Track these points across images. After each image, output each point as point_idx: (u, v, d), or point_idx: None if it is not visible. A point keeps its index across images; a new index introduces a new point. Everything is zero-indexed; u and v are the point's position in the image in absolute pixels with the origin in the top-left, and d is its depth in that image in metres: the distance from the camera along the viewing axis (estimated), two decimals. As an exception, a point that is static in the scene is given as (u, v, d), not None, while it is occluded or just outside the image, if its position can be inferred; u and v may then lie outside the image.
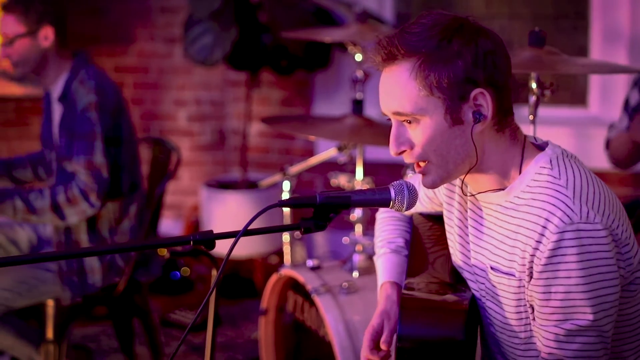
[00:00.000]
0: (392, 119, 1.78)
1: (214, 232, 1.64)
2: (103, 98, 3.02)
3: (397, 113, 1.75)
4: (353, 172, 3.12)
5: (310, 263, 2.95)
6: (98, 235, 3.12)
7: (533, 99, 2.44)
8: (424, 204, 2.11)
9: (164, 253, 2.38)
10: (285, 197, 3.08)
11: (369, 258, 2.92)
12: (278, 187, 3.20)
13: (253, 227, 1.64)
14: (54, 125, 3.14)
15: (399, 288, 2.03)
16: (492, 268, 1.83)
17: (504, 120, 1.77)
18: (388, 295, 2.02)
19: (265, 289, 3.09)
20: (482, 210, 1.86)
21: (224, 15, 4.37)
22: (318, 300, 2.77)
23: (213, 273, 2.37)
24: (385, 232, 2.19)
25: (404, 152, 1.77)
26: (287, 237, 3.11)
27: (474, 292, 1.91)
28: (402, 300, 1.91)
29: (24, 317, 3.26)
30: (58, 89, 3.09)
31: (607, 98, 4.33)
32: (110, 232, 3.14)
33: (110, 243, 3.13)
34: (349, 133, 2.96)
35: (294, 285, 3.01)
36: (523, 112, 2.55)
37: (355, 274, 2.93)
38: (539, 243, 1.69)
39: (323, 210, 1.72)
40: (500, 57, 1.74)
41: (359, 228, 3.07)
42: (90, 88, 3.01)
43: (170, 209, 5.21)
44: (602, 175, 1.94)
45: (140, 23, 5.28)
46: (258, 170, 5.08)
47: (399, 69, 1.72)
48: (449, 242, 1.99)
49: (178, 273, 4.63)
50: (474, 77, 1.70)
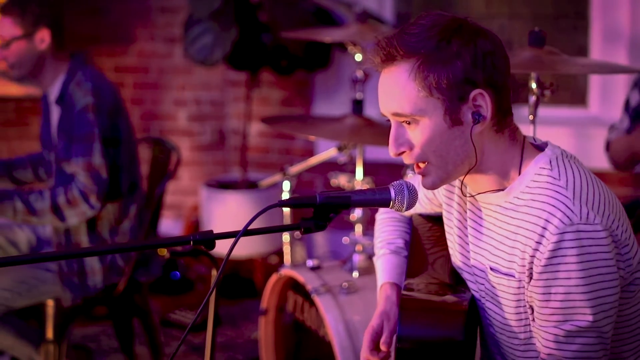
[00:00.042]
0: (391, 120, 1.78)
1: (214, 232, 1.64)
2: (100, 99, 3.01)
3: (396, 114, 1.74)
4: (353, 172, 3.11)
5: (310, 263, 2.95)
6: (98, 237, 3.11)
7: (533, 99, 2.44)
8: (424, 205, 2.11)
9: (164, 253, 2.38)
10: (285, 197, 3.07)
11: (369, 258, 2.92)
12: (278, 187, 3.20)
13: (253, 227, 1.64)
14: (53, 127, 3.13)
15: (399, 289, 2.03)
16: (491, 269, 1.83)
17: (503, 121, 1.77)
18: (388, 296, 2.02)
19: (265, 289, 3.09)
20: (481, 211, 1.86)
21: (224, 15, 4.37)
22: (318, 300, 2.77)
23: (213, 273, 2.37)
24: (385, 233, 2.19)
25: (404, 153, 1.77)
26: (287, 237, 3.11)
27: (474, 292, 1.91)
28: (401, 301, 1.91)
29: (24, 317, 3.26)
30: (55, 91, 3.09)
31: (607, 98, 4.33)
32: (111, 232, 3.14)
33: (111, 244, 3.13)
34: (349, 133, 2.96)
35: (294, 285, 3.01)
36: (523, 112, 2.54)
37: (355, 274, 2.93)
38: (539, 244, 1.69)
39: (323, 210, 1.72)
40: (499, 57, 1.74)
41: (359, 228, 3.07)
42: (87, 90, 3.01)
43: (170, 209, 5.21)
44: (602, 176, 1.94)
45: (140, 23, 5.28)
46: (258, 170, 5.08)
47: (398, 70, 1.72)
48: (449, 243, 1.99)
49: (178, 273, 4.63)
50: (473, 77, 1.70)
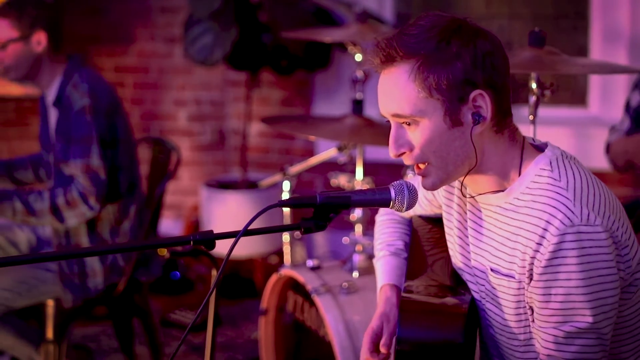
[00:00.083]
0: (391, 121, 1.77)
1: (214, 232, 1.64)
2: (97, 101, 3.01)
3: (396, 115, 1.74)
4: (353, 172, 3.11)
5: (310, 263, 2.95)
6: (98, 237, 3.11)
7: (533, 99, 2.44)
8: (423, 207, 2.11)
9: (164, 253, 2.37)
10: (285, 197, 3.07)
11: (369, 258, 2.92)
12: (278, 187, 3.20)
13: (253, 227, 1.64)
14: (51, 129, 3.13)
15: (399, 290, 2.03)
16: (492, 270, 1.82)
17: (503, 122, 1.76)
18: (387, 298, 2.02)
19: (265, 289, 3.09)
20: (481, 212, 1.86)
21: (224, 15, 4.37)
22: (318, 300, 2.77)
23: (213, 273, 2.37)
24: (385, 234, 2.18)
25: (404, 154, 1.77)
26: (287, 237, 3.11)
27: (474, 293, 1.91)
28: (401, 303, 1.91)
29: (24, 317, 3.26)
30: (52, 93, 3.08)
31: (607, 98, 4.33)
32: (111, 233, 3.14)
33: (111, 244, 3.13)
34: (349, 133, 2.96)
35: (294, 285, 3.01)
36: (523, 112, 2.54)
37: (355, 274, 2.93)
38: (540, 245, 1.69)
39: (323, 210, 1.72)
40: (499, 58, 1.74)
41: (359, 228, 3.07)
42: (84, 91, 3.00)
43: (170, 209, 5.21)
44: (601, 176, 1.93)
45: (141, 23, 5.28)
46: (258, 170, 5.08)
47: (398, 71, 1.72)
48: (449, 244, 1.99)
49: (178, 273, 4.63)
50: (473, 78, 1.70)
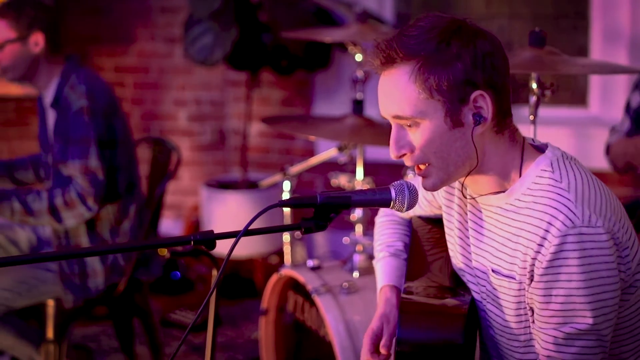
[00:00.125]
0: (391, 123, 1.77)
1: (214, 232, 1.64)
2: (94, 102, 3.00)
3: (397, 116, 1.74)
4: (353, 172, 3.11)
5: (311, 263, 2.95)
6: (98, 237, 3.11)
7: (533, 99, 2.44)
8: (423, 207, 2.11)
9: (165, 253, 2.37)
10: (286, 197, 3.07)
11: (370, 258, 2.92)
12: (278, 187, 3.20)
13: (253, 227, 1.64)
14: (49, 130, 3.13)
15: (398, 291, 2.03)
16: (493, 271, 1.82)
17: (503, 122, 1.76)
18: (387, 299, 2.02)
19: (266, 289, 3.09)
20: (482, 212, 1.86)
21: (224, 15, 4.37)
22: (318, 300, 2.77)
23: (213, 273, 2.37)
24: (384, 235, 2.18)
25: (405, 155, 1.76)
26: (287, 237, 3.11)
27: (475, 294, 1.91)
28: (401, 304, 1.91)
29: (25, 317, 3.26)
30: (50, 95, 3.08)
31: (607, 98, 4.33)
32: (111, 233, 3.13)
33: (112, 244, 3.12)
34: (349, 133, 2.96)
35: (295, 286, 3.01)
36: (523, 112, 2.54)
37: (356, 274, 2.93)
38: (541, 246, 1.69)
39: (323, 210, 1.72)
40: (499, 58, 1.74)
41: (360, 228, 3.07)
42: (82, 93, 3.00)
43: (171, 209, 5.21)
44: (602, 176, 1.93)
45: (141, 23, 5.28)
46: (258, 170, 5.08)
47: (398, 73, 1.72)
48: (449, 244, 1.99)
49: (178, 273, 4.63)
50: (474, 79, 1.70)
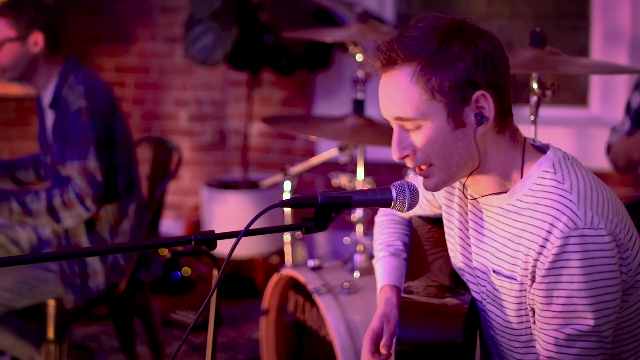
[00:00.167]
0: (393, 124, 1.77)
1: (215, 232, 1.64)
2: (93, 102, 3.00)
3: (399, 118, 1.74)
4: (354, 172, 3.11)
5: (311, 263, 2.95)
6: (98, 237, 3.11)
7: (534, 99, 2.44)
8: (423, 207, 2.11)
9: (165, 253, 2.38)
10: (287, 197, 3.07)
11: (370, 258, 2.91)
12: (279, 187, 3.20)
13: (254, 227, 1.64)
14: (47, 130, 3.13)
15: (399, 291, 2.03)
16: (494, 271, 1.82)
17: (505, 122, 1.76)
18: (388, 299, 2.02)
19: (266, 289, 3.08)
20: (482, 213, 1.86)
21: (225, 15, 4.37)
22: (319, 301, 2.77)
23: (214, 273, 2.36)
24: (384, 235, 2.18)
25: (407, 156, 1.76)
26: (288, 237, 3.11)
27: (475, 294, 1.91)
28: (401, 304, 1.91)
29: (25, 317, 3.26)
30: (49, 95, 3.08)
31: (608, 98, 4.33)
32: (110, 233, 3.13)
33: (112, 244, 3.12)
34: (350, 133, 2.96)
35: (295, 286, 3.00)
36: (524, 112, 2.54)
37: (357, 274, 2.93)
38: (543, 248, 1.69)
39: (324, 210, 1.72)
40: (499, 58, 1.74)
41: (360, 228, 3.07)
42: (80, 93, 3.00)
43: (171, 209, 5.21)
44: (603, 176, 1.93)
45: (141, 23, 5.28)
46: (259, 170, 5.08)
47: (400, 74, 1.71)
48: (449, 244, 1.99)
49: (179, 273, 4.63)
50: (475, 79, 1.70)
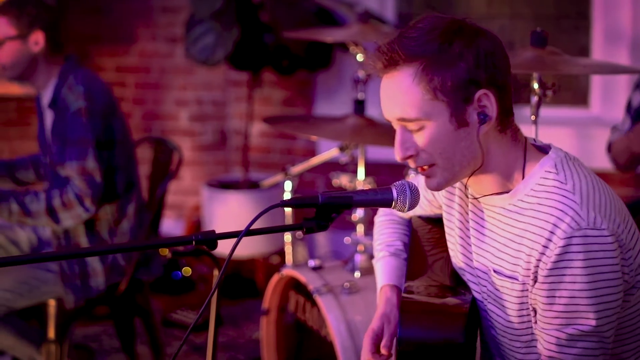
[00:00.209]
0: (396, 125, 1.77)
1: (216, 232, 1.64)
2: (92, 103, 3.00)
3: (401, 119, 1.74)
4: (355, 172, 3.11)
5: (312, 263, 2.95)
6: (97, 237, 3.11)
7: (535, 100, 2.44)
8: (423, 207, 2.10)
9: (166, 253, 2.38)
10: (287, 197, 3.07)
11: (371, 258, 2.91)
12: (280, 187, 3.20)
13: (255, 227, 1.64)
14: (47, 131, 3.13)
15: (399, 291, 2.03)
16: (495, 271, 1.82)
17: (506, 120, 1.77)
18: (388, 298, 2.02)
19: (267, 289, 3.08)
20: (483, 212, 1.86)
21: (226, 15, 4.37)
22: (320, 301, 2.77)
23: (215, 273, 2.37)
24: (384, 235, 2.18)
25: (410, 157, 1.76)
26: (288, 237, 3.11)
27: (476, 294, 1.91)
28: (402, 304, 1.91)
29: (26, 317, 3.26)
30: (48, 95, 3.07)
31: (608, 98, 4.33)
32: (110, 233, 3.13)
33: (113, 244, 3.12)
34: (351, 133, 2.96)
35: (296, 286, 3.00)
36: (525, 112, 2.54)
37: (357, 274, 2.93)
38: (546, 248, 1.69)
39: (325, 210, 1.72)
40: (500, 57, 1.74)
41: (361, 228, 3.07)
42: (79, 94, 2.99)
43: (172, 209, 5.21)
44: (603, 176, 1.93)
45: (142, 23, 5.28)
46: (259, 170, 5.08)
47: (401, 75, 1.71)
48: (449, 244, 1.99)
49: (180, 273, 4.63)
50: (477, 78, 1.70)
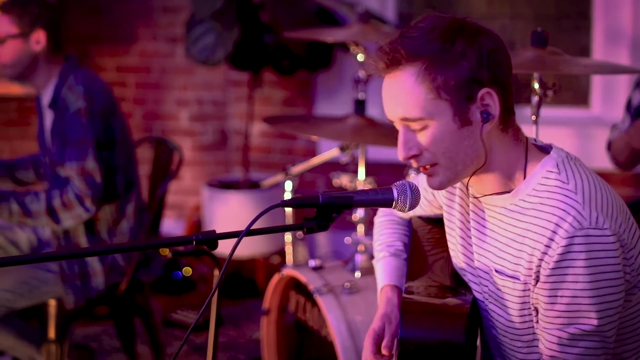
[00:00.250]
0: (398, 125, 1.77)
1: (216, 232, 1.64)
2: (92, 103, 3.00)
3: (404, 119, 1.74)
4: (355, 172, 3.11)
5: (313, 263, 2.95)
6: (97, 237, 3.11)
7: (535, 99, 2.44)
8: (423, 207, 2.10)
9: (166, 253, 2.38)
10: (288, 197, 3.07)
11: (371, 258, 2.91)
12: (280, 187, 3.19)
13: (255, 227, 1.64)
14: (46, 131, 3.13)
15: (399, 291, 2.03)
16: (496, 271, 1.82)
17: (508, 119, 1.77)
18: (389, 299, 2.01)
19: (267, 289, 3.08)
20: (484, 212, 1.86)
21: (226, 15, 4.37)
22: (320, 301, 2.77)
23: (215, 273, 2.36)
24: (384, 235, 2.18)
25: (413, 156, 1.76)
26: (289, 237, 3.11)
27: (477, 294, 1.91)
28: (403, 304, 1.91)
29: (26, 317, 3.26)
30: (48, 95, 3.07)
31: (609, 98, 4.33)
32: (109, 233, 3.13)
33: (113, 244, 3.12)
34: (351, 133, 2.96)
35: (296, 286, 3.00)
36: (525, 112, 2.54)
37: (358, 274, 2.93)
38: (548, 248, 1.69)
39: (325, 210, 1.71)
40: (502, 55, 1.74)
41: (361, 228, 3.07)
42: (79, 94, 2.99)
43: (172, 209, 5.21)
44: (604, 176, 1.93)
45: (142, 23, 5.28)
46: (260, 170, 5.07)
47: (404, 75, 1.71)
48: (450, 244, 1.98)
49: (180, 273, 4.63)
50: (479, 77, 1.70)
